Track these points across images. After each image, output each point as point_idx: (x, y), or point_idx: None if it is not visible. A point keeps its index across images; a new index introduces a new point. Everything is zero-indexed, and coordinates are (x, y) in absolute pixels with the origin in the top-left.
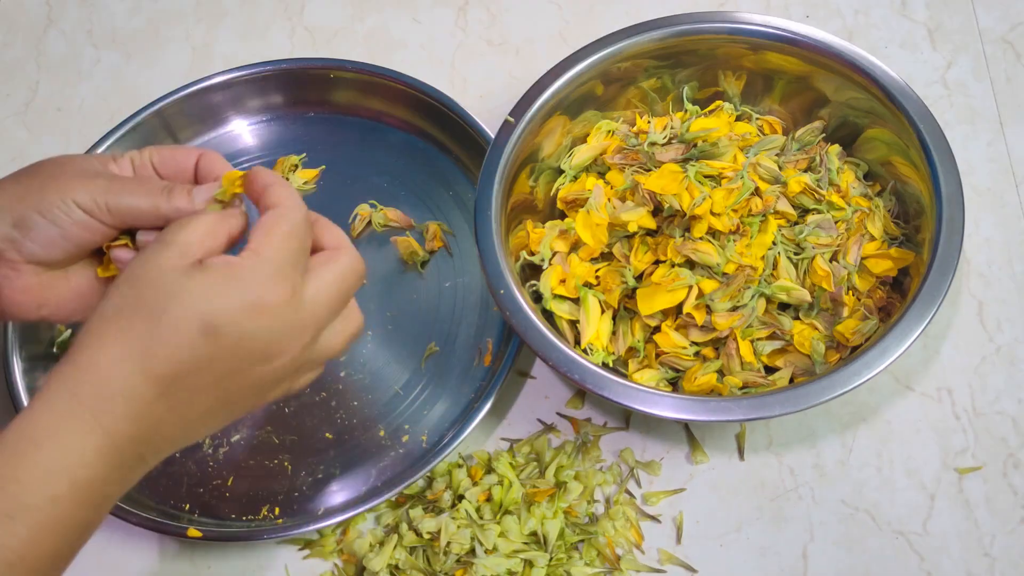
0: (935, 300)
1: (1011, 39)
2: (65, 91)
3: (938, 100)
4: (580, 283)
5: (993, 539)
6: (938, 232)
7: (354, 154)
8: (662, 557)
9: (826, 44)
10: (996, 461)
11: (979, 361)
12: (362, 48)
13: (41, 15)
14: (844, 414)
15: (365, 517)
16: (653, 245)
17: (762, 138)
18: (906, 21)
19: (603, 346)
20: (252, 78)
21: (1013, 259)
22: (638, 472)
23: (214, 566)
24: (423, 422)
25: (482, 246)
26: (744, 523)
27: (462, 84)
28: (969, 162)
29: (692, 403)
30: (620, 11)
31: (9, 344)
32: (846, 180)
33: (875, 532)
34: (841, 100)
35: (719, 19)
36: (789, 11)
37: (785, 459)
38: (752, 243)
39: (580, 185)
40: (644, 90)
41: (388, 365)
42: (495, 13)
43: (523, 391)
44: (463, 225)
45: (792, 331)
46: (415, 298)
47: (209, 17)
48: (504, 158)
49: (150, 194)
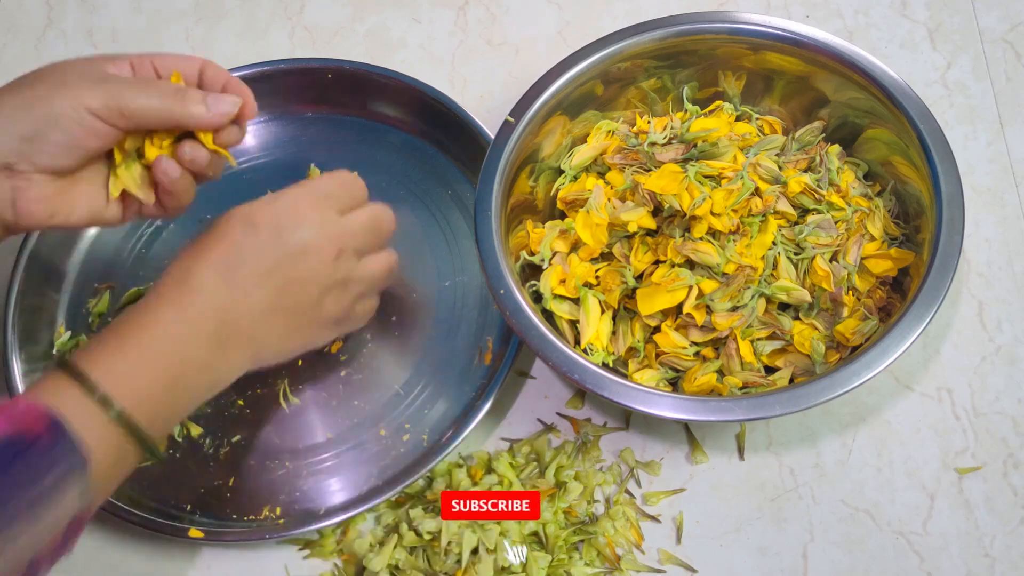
0: (935, 300)
1: (1011, 39)
2: None
3: (938, 100)
4: (580, 283)
5: (993, 539)
6: (938, 232)
7: (354, 154)
8: (662, 557)
9: (826, 44)
10: (996, 461)
11: (979, 361)
12: (362, 48)
13: (41, 15)
14: (844, 414)
15: (365, 517)
16: (653, 245)
17: (762, 138)
18: (906, 21)
19: (603, 346)
20: (251, 78)
21: (1013, 259)
22: (638, 472)
23: (214, 566)
24: (423, 422)
25: (482, 246)
26: (744, 523)
27: (462, 84)
28: (969, 162)
29: (692, 403)
30: (620, 11)
31: (9, 344)
32: (846, 180)
33: (875, 532)
34: (841, 100)
35: (719, 19)
36: (789, 11)
37: (785, 459)
38: (752, 243)
39: (580, 185)
40: (644, 90)
41: (388, 365)
42: (495, 13)
43: (523, 391)
44: (463, 225)
45: (792, 331)
46: (415, 298)
47: (209, 17)
48: (504, 158)
49: (163, 96)
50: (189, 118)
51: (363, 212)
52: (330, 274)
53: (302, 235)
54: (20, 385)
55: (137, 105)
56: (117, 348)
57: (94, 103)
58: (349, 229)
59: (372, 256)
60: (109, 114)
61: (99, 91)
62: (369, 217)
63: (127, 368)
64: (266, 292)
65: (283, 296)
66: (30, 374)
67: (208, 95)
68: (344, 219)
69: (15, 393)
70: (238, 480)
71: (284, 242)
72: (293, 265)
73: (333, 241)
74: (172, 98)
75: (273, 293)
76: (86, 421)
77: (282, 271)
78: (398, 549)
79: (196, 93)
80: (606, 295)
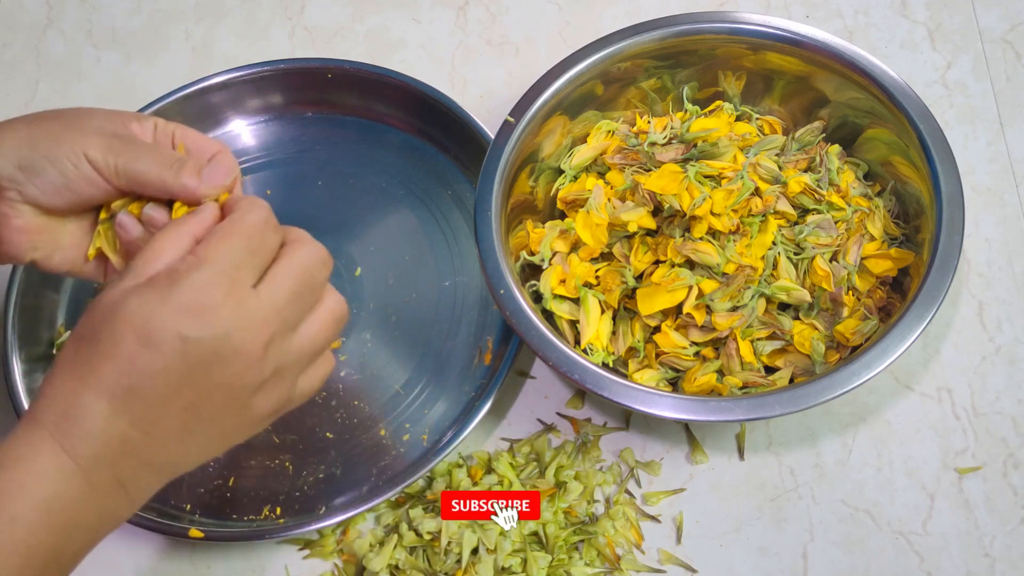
0: (935, 300)
1: (1011, 39)
2: (65, 91)
3: (938, 100)
4: (580, 283)
5: (993, 539)
6: (938, 232)
7: (353, 154)
8: (662, 557)
9: (826, 44)
10: (996, 461)
11: (979, 361)
12: (362, 48)
13: (41, 15)
14: (844, 414)
15: (365, 517)
16: (653, 245)
17: (762, 138)
18: (906, 21)
19: (603, 346)
20: (251, 78)
21: (1013, 259)
22: (638, 472)
23: (214, 566)
24: (423, 422)
25: (482, 246)
26: (744, 523)
27: (462, 84)
28: (969, 162)
29: (692, 403)
30: (620, 11)
31: (9, 344)
32: (846, 180)
33: (875, 532)
34: (841, 100)
35: (719, 19)
36: (789, 11)
37: (785, 459)
38: (752, 243)
39: (580, 185)
40: (644, 90)
41: (388, 365)
42: (495, 13)
43: (523, 391)
44: (463, 225)
45: (792, 331)
46: (415, 297)
47: (209, 17)
48: (504, 158)
49: (161, 165)
50: (180, 189)
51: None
52: (259, 373)
53: (214, 338)
54: (20, 385)
55: (135, 169)
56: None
57: (95, 154)
58: (274, 304)
59: (310, 318)
60: (106, 168)
61: (104, 144)
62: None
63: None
64: (176, 416)
65: (198, 415)
66: (30, 374)
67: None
68: (265, 291)
69: (15, 393)
70: (238, 480)
71: (191, 354)
72: (207, 376)
73: (258, 330)
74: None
75: (185, 415)
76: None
77: (194, 387)
78: (398, 549)
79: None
80: (606, 295)
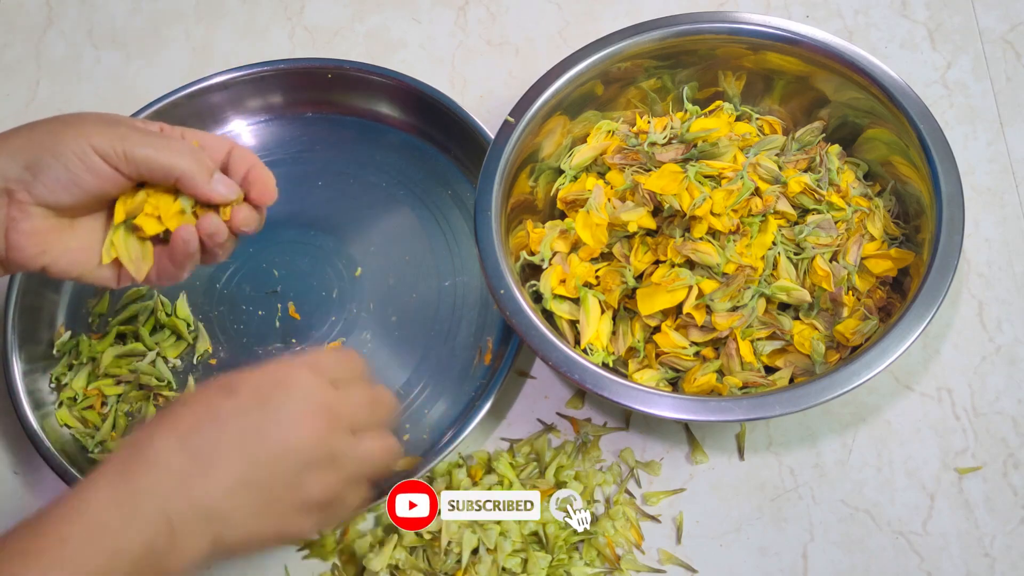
0: (935, 300)
1: (1011, 39)
2: (65, 91)
3: (938, 100)
4: (580, 283)
5: (993, 539)
6: (938, 232)
7: (353, 154)
8: (662, 557)
9: (826, 44)
10: (996, 461)
11: (979, 361)
12: (362, 48)
13: (41, 15)
14: (844, 414)
15: (365, 517)
16: (653, 245)
17: (762, 138)
18: (906, 21)
19: (603, 346)
20: (252, 78)
21: (1013, 259)
22: (638, 472)
23: (214, 565)
24: (423, 422)
25: (482, 246)
26: (744, 523)
27: (462, 84)
28: (969, 162)
29: (692, 403)
30: (620, 11)
31: (9, 344)
32: (846, 180)
33: (875, 532)
34: (841, 100)
35: (719, 19)
36: (789, 11)
37: (785, 459)
38: (752, 243)
39: (580, 185)
40: (644, 90)
41: (388, 365)
42: (495, 13)
43: (523, 391)
44: (463, 225)
45: (792, 331)
46: (415, 297)
47: (209, 17)
48: (504, 158)
49: (172, 153)
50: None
51: (362, 387)
52: (317, 446)
53: (289, 400)
54: (20, 385)
55: (142, 153)
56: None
57: (99, 142)
58: (344, 401)
59: (369, 435)
60: (113, 156)
61: (108, 132)
62: (369, 394)
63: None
64: (235, 462)
65: (256, 468)
66: (30, 374)
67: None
68: (339, 391)
69: (15, 393)
70: None
71: (265, 407)
72: (274, 432)
73: (324, 411)
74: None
75: (244, 464)
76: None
77: (259, 438)
78: (398, 549)
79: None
80: (606, 295)
